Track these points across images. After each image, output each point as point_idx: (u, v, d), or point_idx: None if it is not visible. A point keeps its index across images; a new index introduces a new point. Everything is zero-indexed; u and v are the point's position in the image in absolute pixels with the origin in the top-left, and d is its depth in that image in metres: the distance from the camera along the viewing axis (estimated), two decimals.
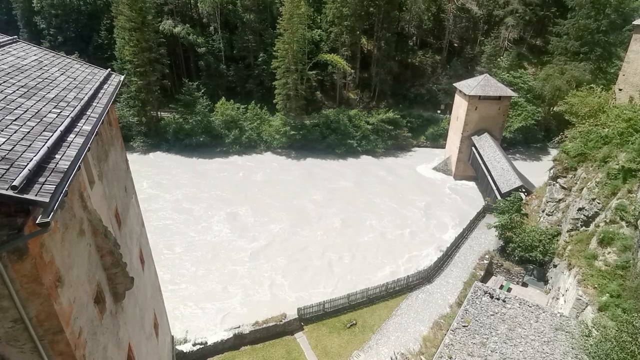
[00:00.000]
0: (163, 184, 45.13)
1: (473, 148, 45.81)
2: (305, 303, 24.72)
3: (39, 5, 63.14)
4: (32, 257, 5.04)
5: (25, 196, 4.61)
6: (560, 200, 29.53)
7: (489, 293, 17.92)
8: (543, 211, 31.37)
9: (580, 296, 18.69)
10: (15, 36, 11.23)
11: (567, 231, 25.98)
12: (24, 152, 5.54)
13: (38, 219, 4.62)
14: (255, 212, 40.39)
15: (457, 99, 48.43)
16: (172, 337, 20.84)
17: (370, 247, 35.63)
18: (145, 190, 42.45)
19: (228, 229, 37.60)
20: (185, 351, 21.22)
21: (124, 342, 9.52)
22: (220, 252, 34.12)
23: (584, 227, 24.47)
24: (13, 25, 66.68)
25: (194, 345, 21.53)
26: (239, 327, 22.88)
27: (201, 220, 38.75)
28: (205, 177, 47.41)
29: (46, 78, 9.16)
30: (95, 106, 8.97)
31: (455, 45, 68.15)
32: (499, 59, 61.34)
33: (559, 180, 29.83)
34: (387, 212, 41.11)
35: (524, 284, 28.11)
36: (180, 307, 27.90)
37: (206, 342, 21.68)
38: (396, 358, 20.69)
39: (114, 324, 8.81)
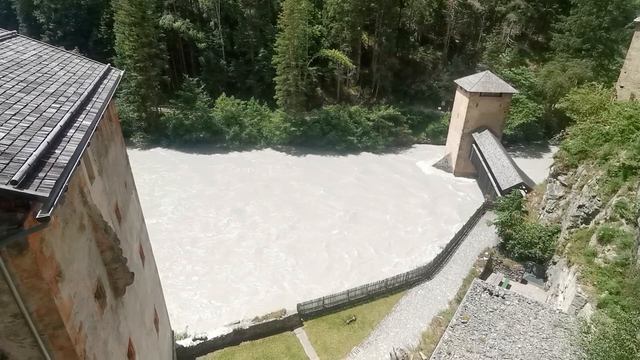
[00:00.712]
0: (166, 180, 45.13)
1: (473, 145, 45.74)
2: (319, 297, 24.85)
3: None
4: (32, 252, 5.04)
5: (25, 191, 4.59)
6: (560, 197, 29.53)
7: (488, 290, 17.95)
8: (543, 208, 31.37)
9: (580, 293, 18.74)
10: (15, 30, 11.15)
11: (567, 228, 26.00)
12: (24, 146, 5.52)
13: (38, 214, 4.61)
14: (263, 208, 40.45)
15: (458, 95, 48.29)
16: (172, 332, 20.93)
17: (379, 241, 35.79)
18: (150, 187, 42.47)
19: (238, 225, 37.60)
20: (185, 346, 21.31)
21: (124, 336, 9.56)
22: (230, 248, 34.15)
23: (583, 225, 24.48)
24: (12, 20, 66.41)
25: (194, 340, 21.62)
26: (239, 322, 22.97)
27: (211, 217, 38.66)
28: (210, 173, 47.29)
29: (45, 73, 9.11)
30: (95, 101, 8.93)
31: (457, 41, 67.83)
32: (500, 56, 61.06)
33: (559, 177, 29.82)
34: (391, 208, 41.16)
35: (524, 281, 28.18)
36: (196, 304, 28.08)
37: (206, 338, 21.77)
38: (395, 354, 20.77)
39: (114, 318, 8.84)
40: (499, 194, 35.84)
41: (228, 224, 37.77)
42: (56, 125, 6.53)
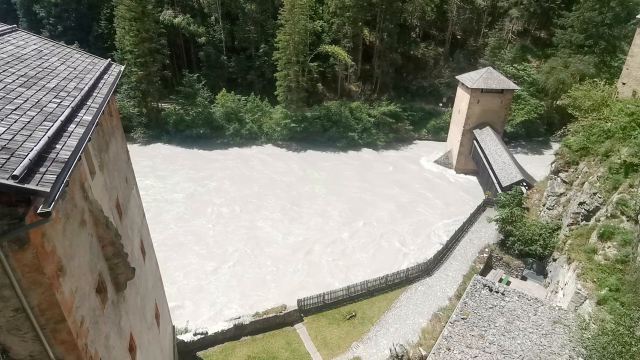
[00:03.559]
0: (165, 176, 45.15)
1: (474, 141, 45.64)
2: (319, 293, 24.96)
3: None
4: (34, 247, 5.05)
5: (26, 186, 4.60)
6: (561, 194, 29.49)
7: (488, 286, 17.99)
8: (544, 205, 31.35)
9: (579, 290, 18.75)
10: (15, 25, 11.11)
11: (568, 225, 25.98)
12: (25, 141, 5.52)
13: (39, 209, 4.61)
14: (263, 204, 40.50)
15: (460, 92, 48.12)
16: (173, 327, 21.03)
17: (379, 238, 35.93)
18: (146, 183, 42.53)
19: (237, 222, 37.60)
20: (186, 341, 21.44)
21: (125, 331, 9.61)
22: (229, 245, 34.18)
23: (584, 222, 24.46)
24: (12, 14, 66.15)
25: (195, 335, 21.74)
26: (239, 317, 23.08)
27: (209, 213, 38.67)
28: (209, 169, 47.23)
29: (46, 67, 9.09)
30: (96, 96, 8.91)
31: (459, 37, 67.51)
32: (502, 52, 60.77)
33: (560, 174, 29.76)
34: (392, 204, 41.13)
35: (523, 278, 28.21)
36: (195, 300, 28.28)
37: (207, 332, 21.88)
38: (395, 349, 20.86)
39: (115, 313, 8.88)
40: (500, 191, 35.81)
41: (227, 221, 37.78)
42: (57, 120, 6.52)
